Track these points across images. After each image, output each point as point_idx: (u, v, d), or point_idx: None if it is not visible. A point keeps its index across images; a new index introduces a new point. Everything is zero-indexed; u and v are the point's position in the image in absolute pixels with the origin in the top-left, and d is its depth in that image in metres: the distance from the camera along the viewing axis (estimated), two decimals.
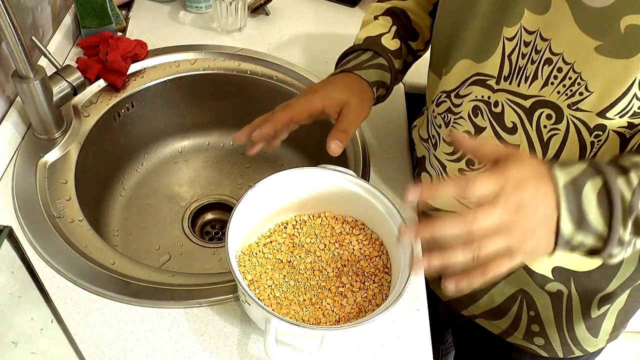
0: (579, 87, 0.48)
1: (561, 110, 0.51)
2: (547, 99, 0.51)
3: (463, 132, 0.60)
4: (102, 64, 0.84)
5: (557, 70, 0.49)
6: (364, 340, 0.59)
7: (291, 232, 0.60)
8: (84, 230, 0.67)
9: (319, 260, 0.58)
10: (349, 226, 0.60)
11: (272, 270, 0.57)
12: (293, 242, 0.59)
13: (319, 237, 0.59)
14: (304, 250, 0.58)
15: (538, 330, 0.68)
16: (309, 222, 0.60)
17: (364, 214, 0.59)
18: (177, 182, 0.93)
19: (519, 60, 0.52)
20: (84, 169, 0.76)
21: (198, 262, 0.83)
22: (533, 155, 0.51)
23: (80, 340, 0.56)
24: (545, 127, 0.53)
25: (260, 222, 0.59)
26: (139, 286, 0.61)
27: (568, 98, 0.50)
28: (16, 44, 0.64)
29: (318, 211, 0.61)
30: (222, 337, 0.58)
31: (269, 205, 0.58)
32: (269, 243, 0.59)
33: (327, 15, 1.07)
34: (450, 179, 0.48)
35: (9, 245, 0.35)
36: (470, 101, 0.58)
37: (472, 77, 0.57)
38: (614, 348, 1.58)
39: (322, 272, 0.57)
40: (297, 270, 0.57)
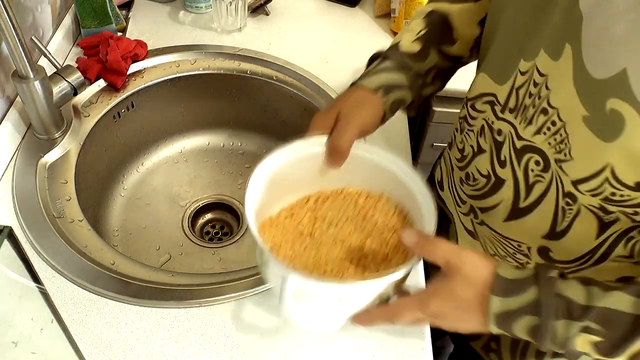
0: (565, 148, 0.47)
1: (549, 160, 0.50)
2: (539, 146, 0.50)
3: (469, 145, 0.60)
4: (102, 64, 0.84)
5: (551, 124, 0.48)
6: (364, 341, 0.59)
7: (313, 207, 0.58)
8: (84, 230, 0.67)
9: (341, 233, 0.55)
10: (372, 200, 0.58)
11: (292, 241, 0.54)
12: (315, 215, 0.57)
13: (342, 210, 0.57)
14: (325, 223, 0.56)
15: (495, 348, 0.68)
16: (332, 196, 0.58)
17: (388, 185, 0.57)
18: (177, 182, 0.93)
19: (525, 99, 0.50)
20: (84, 169, 0.76)
21: (198, 262, 0.83)
22: (484, 264, 0.46)
23: (80, 340, 0.56)
24: (532, 171, 0.52)
25: (281, 195, 0.57)
26: (139, 286, 0.61)
27: (556, 153, 0.49)
28: (16, 44, 0.64)
29: (341, 185, 0.59)
30: (222, 337, 0.58)
31: (290, 177, 0.56)
32: (290, 215, 0.57)
33: (327, 15, 1.07)
34: (381, 311, 0.49)
35: (9, 245, 0.35)
36: (482, 119, 0.57)
37: (488, 95, 0.56)
38: None
39: (344, 244, 0.54)
40: (318, 242, 0.54)
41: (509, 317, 0.44)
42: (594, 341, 0.42)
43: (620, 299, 0.42)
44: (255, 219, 0.50)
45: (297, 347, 0.58)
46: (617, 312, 0.41)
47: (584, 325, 0.42)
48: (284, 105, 0.92)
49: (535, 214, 0.54)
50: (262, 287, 0.62)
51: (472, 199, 0.62)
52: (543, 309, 0.43)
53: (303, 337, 0.58)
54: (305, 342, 0.58)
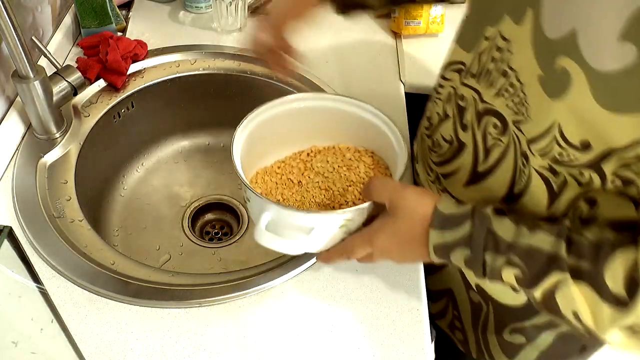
0: (523, 109, 0.48)
1: (507, 123, 0.51)
2: (497, 109, 0.52)
3: (435, 112, 0.63)
4: (102, 64, 0.84)
5: (510, 86, 0.49)
6: (364, 341, 0.59)
7: (305, 159, 0.64)
8: (84, 230, 0.67)
9: (326, 181, 0.60)
10: (358, 154, 0.63)
11: (282, 188, 0.60)
12: (305, 167, 0.62)
13: (330, 163, 0.62)
14: (314, 172, 0.62)
15: (459, 327, 0.71)
16: (323, 151, 0.64)
17: (374, 140, 0.61)
18: (177, 182, 0.93)
19: (488, 63, 0.52)
20: (84, 169, 0.76)
21: (198, 262, 0.83)
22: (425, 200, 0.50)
23: (80, 340, 0.56)
24: (491, 135, 0.53)
25: (276, 149, 0.63)
26: (139, 286, 0.61)
27: (514, 115, 0.50)
28: (16, 44, 0.64)
29: (333, 142, 0.64)
30: (222, 337, 0.58)
31: (280, 132, 0.61)
32: (283, 166, 0.63)
33: (327, 15, 1.07)
34: (336, 249, 0.55)
35: (9, 245, 0.35)
36: (449, 86, 0.60)
37: (457, 63, 0.58)
38: None
39: (328, 191, 0.59)
40: (305, 189, 0.60)
41: (446, 249, 0.49)
42: (516, 274, 0.46)
43: (542, 238, 0.46)
44: (242, 164, 0.55)
45: (297, 347, 0.58)
46: (537, 250, 0.45)
47: (508, 260, 0.46)
48: None
49: (492, 179, 0.55)
50: (262, 287, 0.62)
51: (437, 165, 0.64)
52: (474, 243, 0.47)
53: (303, 337, 0.59)
54: (306, 342, 0.58)
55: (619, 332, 0.42)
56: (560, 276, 0.44)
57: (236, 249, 0.86)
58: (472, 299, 0.67)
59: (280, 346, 0.58)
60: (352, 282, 0.64)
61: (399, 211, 0.50)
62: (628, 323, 0.41)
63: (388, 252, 0.52)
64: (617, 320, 0.42)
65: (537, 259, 0.45)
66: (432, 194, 0.51)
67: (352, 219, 0.53)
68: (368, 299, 0.62)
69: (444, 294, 0.71)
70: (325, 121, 0.63)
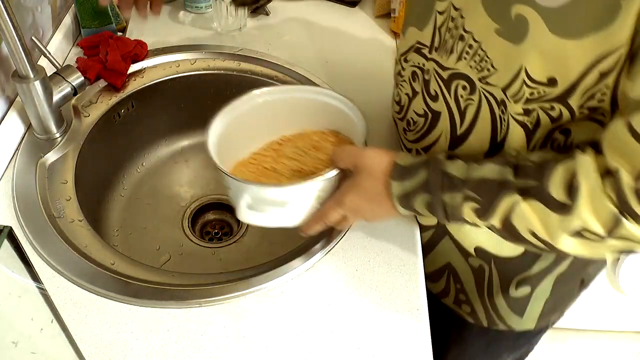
0: (487, 64, 0.52)
1: (474, 82, 0.54)
2: (462, 71, 0.55)
3: (404, 94, 0.66)
4: (102, 64, 0.84)
5: (469, 47, 0.53)
6: (364, 341, 0.59)
7: (276, 148, 0.68)
8: (84, 230, 0.67)
9: (298, 163, 0.65)
10: (325, 135, 0.68)
11: (258, 176, 0.65)
12: (277, 154, 0.67)
13: (299, 147, 0.67)
14: (286, 158, 0.66)
15: (464, 299, 0.73)
16: (293, 138, 0.69)
17: (337, 121, 0.67)
18: (177, 182, 0.93)
19: (446, 34, 0.55)
20: (84, 169, 0.76)
21: (198, 262, 0.83)
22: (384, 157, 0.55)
23: (80, 340, 0.56)
24: (462, 97, 0.56)
25: (249, 143, 0.68)
26: (139, 286, 0.61)
27: (479, 72, 0.53)
28: (16, 44, 0.64)
29: (301, 129, 0.69)
30: (222, 337, 0.58)
31: (250, 126, 0.66)
32: (257, 156, 0.68)
33: (327, 15, 1.07)
34: (312, 218, 0.59)
35: (9, 245, 0.35)
36: (411, 66, 0.63)
37: (415, 44, 0.61)
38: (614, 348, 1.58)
39: (301, 172, 0.64)
40: (280, 174, 0.64)
41: (408, 197, 0.53)
42: (474, 207, 0.50)
43: (490, 169, 0.50)
44: (218, 155, 0.59)
45: (297, 347, 0.58)
46: (488, 180, 0.50)
47: (464, 195, 0.50)
48: None
49: (472, 137, 0.58)
50: (262, 287, 0.62)
51: (414, 143, 0.67)
52: (431, 186, 0.51)
53: (303, 337, 0.59)
54: (306, 342, 0.58)
55: (570, 238, 0.47)
56: (512, 198, 0.48)
57: (236, 249, 0.86)
58: (472, 266, 0.68)
59: (281, 346, 0.58)
60: (352, 282, 0.64)
61: (362, 170, 0.55)
62: (575, 227, 0.46)
63: (358, 210, 0.57)
64: (565, 225, 0.46)
65: (488, 188, 0.49)
66: (390, 151, 0.55)
67: (323, 189, 0.57)
68: (368, 299, 0.62)
69: (444, 271, 0.73)
70: (291, 111, 0.68)
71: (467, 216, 0.51)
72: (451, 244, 0.68)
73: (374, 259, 0.66)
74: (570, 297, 0.70)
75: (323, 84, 0.89)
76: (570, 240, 0.47)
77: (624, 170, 0.43)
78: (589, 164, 0.46)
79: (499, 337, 0.76)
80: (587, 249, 0.48)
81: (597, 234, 0.46)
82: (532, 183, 0.48)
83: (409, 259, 0.66)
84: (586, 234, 0.46)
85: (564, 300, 0.70)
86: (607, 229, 0.45)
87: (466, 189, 0.50)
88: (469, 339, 0.79)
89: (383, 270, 0.65)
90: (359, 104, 0.79)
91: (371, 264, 0.65)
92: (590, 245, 0.47)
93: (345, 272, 0.64)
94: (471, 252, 0.67)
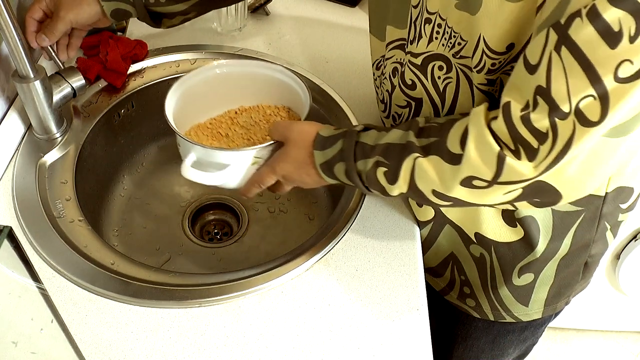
0: (456, 38, 0.53)
1: (449, 60, 0.55)
2: (436, 52, 0.56)
3: (385, 91, 0.68)
4: (102, 64, 0.84)
5: (438, 27, 0.54)
6: (364, 341, 0.59)
7: (232, 116, 0.74)
8: (83, 230, 0.67)
9: (249, 133, 0.71)
10: (277, 109, 0.74)
11: (211, 140, 0.70)
12: (232, 122, 0.73)
13: (252, 118, 0.74)
14: (239, 126, 0.72)
15: (469, 292, 0.73)
16: (249, 109, 0.75)
17: (289, 98, 0.72)
18: (177, 182, 0.93)
19: (420, 25, 0.57)
20: (84, 169, 0.76)
21: (198, 262, 0.83)
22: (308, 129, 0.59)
23: (80, 340, 0.56)
24: (440, 78, 0.58)
25: (208, 110, 0.73)
26: (139, 286, 0.61)
27: (451, 49, 0.54)
28: (16, 44, 0.64)
29: (256, 101, 0.75)
30: (222, 337, 0.58)
31: (213, 93, 0.72)
32: (214, 121, 0.73)
33: (327, 15, 1.07)
34: (249, 181, 0.64)
35: (9, 245, 0.35)
36: (391, 63, 0.65)
37: (395, 41, 0.63)
38: (614, 348, 1.58)
39: (250, 140, 0.70)
40: (230, 139, 0.70)
41: (329, 165, 0.57)
42: (384, 172, 0.54)
43: (394, 134, 0.54)
44: (176, 121, 0.65)
45: (297, 347, 0.58)
46: (392, 145, 0.53)
47: (375, 160, 0.54)
48: None
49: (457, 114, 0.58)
50: (262, 287, 0.62)
51: None
52: (345, 154, 0.55)
53: (303, 337, 0.59)
54: (306, 342, 0.58)
55: (462, 187, 0.50)
56: (413, 158, 0.52)
57: (236, 249, 0.86)
58: (473, 255, 0.69)
59: (280, 346, 0.58)
60: (352, 282, 0.64)
61: (291, 141, 0.59)
62: (465, 175, 0.49)
63: (290, 177, 0.61)
64: (456, 174, 0.49)
65: (393, 151, 0.53)
66: (317, 124, 0.60)
67: (260, 156, 0.63)
68: (368, 299, 0.62)
69: (448, 263, 0.73)
70: (249, 84, 0.73)
71: (381, 181, 0.55)
72: (452, 231, 0.69)
73: (374, 259, 0.66)
74: (575, 281, 0.70)
75: (323, 84, 0.89)
76: (462, 190, 0.50)
77: (514, 102, 0.46)
78: (479, 113, 0.49)
79: (504, 332, 0.76)
80: (477, 197, 0.51)
81: (485, 180, 0.48)
82: (433, 139, 0.52)
83: (409, 259, 0.66)
84: (475, 182, 0.49)
85: (569, 284, 0.70)
86: (492, 173, 0.47)
87: (376, 155, 0.54)
88: (475, 335, 0.79)
89: (383, 270, 0.65)
90: (358, 103, 0.79)
91: (371, 264, 0.65)
92: (480, 193, 0.50)
93: (345, 272, 0.64)
94: (472, 239, 0.67)
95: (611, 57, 0.39)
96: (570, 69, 0.41)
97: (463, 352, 0.83)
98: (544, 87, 0.43)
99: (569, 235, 0.63)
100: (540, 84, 0.43)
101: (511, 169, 0.46)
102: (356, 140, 0.56)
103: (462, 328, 0.80)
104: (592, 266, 0.69)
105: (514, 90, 0.46)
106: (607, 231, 0.65)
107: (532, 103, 0.44)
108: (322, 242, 0.67)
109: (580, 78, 0.41)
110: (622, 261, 1.24)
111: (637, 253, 1.22)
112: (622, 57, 0.39)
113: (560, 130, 0.43)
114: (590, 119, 0.42)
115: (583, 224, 0.62)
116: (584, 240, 0.64)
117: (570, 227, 0.63)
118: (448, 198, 0.52)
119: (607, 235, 0.66)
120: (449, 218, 0.68)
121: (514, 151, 0.46)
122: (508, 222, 0.63)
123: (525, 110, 0.45)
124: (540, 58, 0.43)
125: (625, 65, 0.39)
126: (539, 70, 0.43)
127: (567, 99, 0.42)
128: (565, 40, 0.41)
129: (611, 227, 0.65)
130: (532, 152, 0.45)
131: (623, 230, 1.06)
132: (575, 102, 0.42)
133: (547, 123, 0.44)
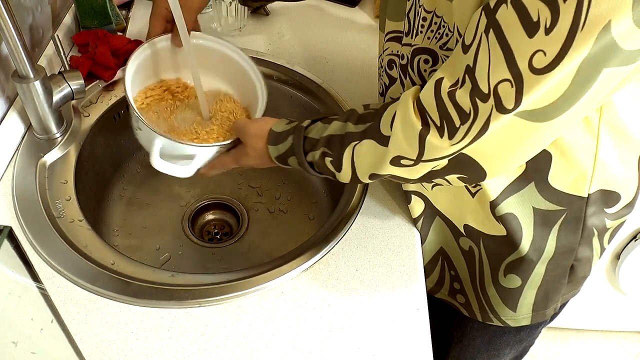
0: (444, 29, 0.54)
1: (435, 52, 0.56)
2: (422, 45, 0.57)
3: (383, 83, 0.69)
4: (92, 60, 0.84)
5: (423, 20, 0.55)
6: (364, 341, 0.59)
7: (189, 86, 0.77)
8: (84, 230, 0.67)
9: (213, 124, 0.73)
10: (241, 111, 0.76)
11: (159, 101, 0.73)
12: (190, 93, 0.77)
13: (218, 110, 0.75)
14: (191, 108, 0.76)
15: (459, 288, 0.74)
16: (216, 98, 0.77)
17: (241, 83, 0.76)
18: (177, 182, 0.93)
19: (413, 18, 0.58)
20: (84, 169, 0.76)
21: (198, 262, 0.83)
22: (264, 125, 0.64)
23: (80, 340, 0.56)
24: (425, 71, 0.58)
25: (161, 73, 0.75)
26: (139, 286, 0.61)
27: (438, 41, 0.55)
28: (16, 44, 0.64)
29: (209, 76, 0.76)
30: (222, 337, 0.58)
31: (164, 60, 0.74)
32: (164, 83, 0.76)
33: (327, 15, 1.07)
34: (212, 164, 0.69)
35: (9, 245, 0.35)
36: (387, 55, 0.66)
37: (390, 33, 0.65)
38: (614, 348, 1.58)
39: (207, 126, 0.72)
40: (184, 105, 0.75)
41: (283, 158, 0.62)
42: (330, 161, 0.58)
43: (335, 125, 0.58)
44: (133, 97, 0.67)
45: (297, 347, 0.58)
46: (334, 136, 0.58)
47: (321, 152, 0.58)
48: (284, 105, 0.92)
49: None
50: (262, 287, 0.62)
51: None
52: (295, 149, 0.60)
53: (303, 337, 0.59)
54: (305, 342, 0.58)
55: (392, 166, 0.53)
56: (352, 147, 0.56)
57: (236, 249, 0.86)
58: (462, 248, 0.69)
59: (280, 346, 0.58)
60: (352, 282, 0.64)
61: (248, 137, 0.64)
62: (392, 155, 0.53)
63: (249, 165, 0.67)
64: (385, 155, 0.53)
65: (335, 142, 0.57)
66: (272, 120, 0.64)
67: (218, 152, 0.68)
68: (368, 298, 0.62)
69: (437, 259, 0.73)
70: (219, 62, 0.75)
71: (330, 169, 0.59)
72: (442, 224, 0.69)
73: (374, 259, 0.66)
74: (561, 284, 0.69)
75: (323, 84, 0.89)
76: (394, 169, 0.54)
77: (446, 78, 0.48)
78: (408, 95, 0.52)
79: (500, 332, 0.76)
80: (409, 174, 0.54)
81: (410, 159, 0.52)
82: (369, 124, 0.55)
83: (409, 259, 0.66)
84: (403, 162, 0.53)
85: (556, 288, 0.70)
86: (416, 153, 0.51)
87: (320, 147, 0.58)
88: (470, 335, 0.79)
89: (383, 270, 0.65)
90: (358, 102, 0.79)
91: (371, 264, 0.65)
92: (410, 170, 0.53)
93: (345, 272, 0.65)
94: (461, 231, 0.67)
95: (528, 45, 0.41)
96: (493, 51, 0.43)
97: (459, 352, 0.83)
98: (471, 66, 0.45)
99: (553, 235, 0.63)
100: (469, 63, 0.46)
101: (432, 146, 0.49)
102: (304, 136, 0.60)
103: (457, 328, 0.80)
104: (579, 270, 0.68)
105: (449, 67, 0.49)
106: (594, 238, 0.65)
107: (461, 80, 0.47)
108: (322, 242, 0.67)
109: (499, 61, 0.43)
110: (622, 261, 1.24)
111: (637, 253, 1.22)
112: (537, 47, 0.41)
113: (481, 111, 0.46)
114: (506, 106, 0.44)
115: (566, 224, 0.62)
116: (569, 243, 0.64)
117: (552, 226, 0.62)
118: (381, 176, 0.56)
119: (594, 242, 0.65)
120: (438, 209, 0.68)
121: (439, 127, 0.49)
122: (493, 214, 0.63)
123: (454, 86, 0.47)
124: (472, 38, 0.45)
125: (539, 56, 0.41)
126: (470, 50, 0.45)
127: (487, 80, 0.44)
128: (493, 24, 0.43)
129: (598, 234, 0.64)
130: (453, 129, 0.48)
131: (623, 230, 1.06)
132: (493, 83, 0.44)
133: (468, 101, 0.46)
